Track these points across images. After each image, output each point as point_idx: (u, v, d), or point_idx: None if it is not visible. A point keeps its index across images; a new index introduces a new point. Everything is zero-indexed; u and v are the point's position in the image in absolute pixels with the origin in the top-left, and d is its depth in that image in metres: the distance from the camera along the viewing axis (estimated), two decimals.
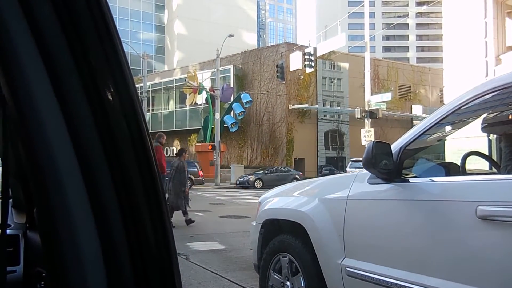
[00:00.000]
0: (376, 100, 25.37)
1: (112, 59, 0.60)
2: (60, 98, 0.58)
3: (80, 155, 0.58)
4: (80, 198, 0.58)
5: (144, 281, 0.60)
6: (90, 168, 0.59)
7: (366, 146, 2.61)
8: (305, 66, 25.28)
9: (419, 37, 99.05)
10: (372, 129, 24.08)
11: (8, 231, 1.70)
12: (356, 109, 25.35)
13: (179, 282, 0.64)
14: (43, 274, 1.37)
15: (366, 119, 24.17)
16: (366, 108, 24.24)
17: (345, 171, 26.43)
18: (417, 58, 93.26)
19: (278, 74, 28.38)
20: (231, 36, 30.25)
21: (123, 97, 0.61)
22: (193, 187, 26.22)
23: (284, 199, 3.85)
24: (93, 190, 0.58)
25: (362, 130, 24.44)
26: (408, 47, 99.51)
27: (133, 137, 0.61)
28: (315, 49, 25.23)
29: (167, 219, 0.64)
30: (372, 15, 77.40)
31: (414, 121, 40.40)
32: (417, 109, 42.64)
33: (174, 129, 43.36)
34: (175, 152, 43.59)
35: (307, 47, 26.38)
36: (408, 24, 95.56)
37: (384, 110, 27.41)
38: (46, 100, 0.57)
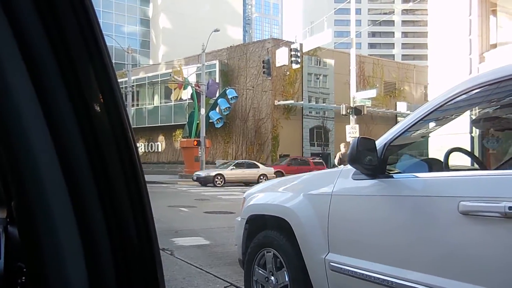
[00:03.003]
0: (361, 97, 25.44)
1: (95, 55, 0.59)
2: (39, 91, 0.57)
3: (60, 149, 0.57)
4: (60, 192, 0.57)
5: (126, 275, 0.60)
6: (70, 162, 0.58)
7: (351, 142, 2.62)
8: (291, 62, 25.23)
9: (405, 34, 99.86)
10: (357, 126, 24.17)
11: None
12: (341, 106, 25.35)
13: (161, 276, 0.63)
14: (24, 269, 1.36)
15: (351, 115, 24.23)
16: (351, 105, 24.30)
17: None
18: (402, 55, 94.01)
19: (264, 70, 28.29)
20: (216, 31, 30.05)
21: (105, 93, 0.60)
22: (179, 183, 26.19)
23: (269, 195, 3.85)
24: (73, 183, 0.57)
25: (347, 126, 24.52)
26: (393, 44, 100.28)
27: (115, 131, 0.60)
28: (301, 45, 25.19)
29: (150, 214, 0.63)
30: (358, 11, 77.75)
31: (398, 118, 40.77)
32: (401, 106, 43.03)
33: (159, 125, 43.11)
34: (159, 148, 43.44)
35: (293, 43, 26.34)
36: (394, 21, 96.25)
37: (369, 107, 27.55)
38: (24, 94, 0.56)
